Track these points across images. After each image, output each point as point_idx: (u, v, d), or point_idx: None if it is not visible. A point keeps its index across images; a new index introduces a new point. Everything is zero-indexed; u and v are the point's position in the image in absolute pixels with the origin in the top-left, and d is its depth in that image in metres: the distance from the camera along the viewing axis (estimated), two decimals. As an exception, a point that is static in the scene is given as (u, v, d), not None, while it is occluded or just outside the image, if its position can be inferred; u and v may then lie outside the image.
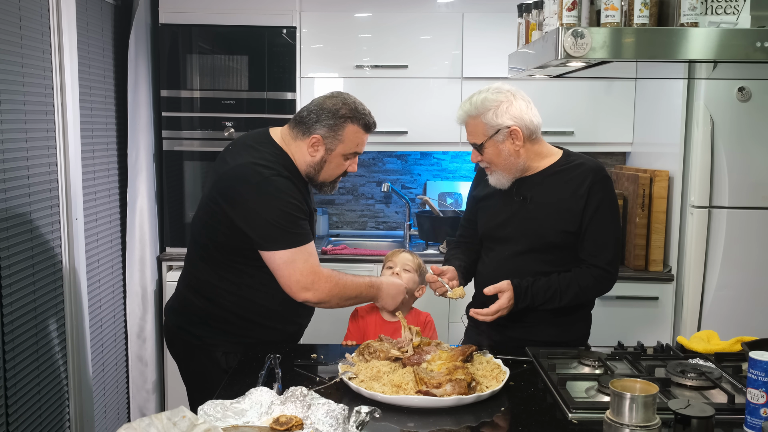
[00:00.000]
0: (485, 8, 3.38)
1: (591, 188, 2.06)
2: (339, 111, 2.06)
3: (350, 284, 2.10)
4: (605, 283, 2.11)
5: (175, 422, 1.37)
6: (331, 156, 2.09)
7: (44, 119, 2.50)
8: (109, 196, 3.12)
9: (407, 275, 2.40)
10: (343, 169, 2.14)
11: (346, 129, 2.07)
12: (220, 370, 2.09)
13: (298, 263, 2.00)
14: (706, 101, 2.95)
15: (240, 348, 2.08)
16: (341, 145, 2.08)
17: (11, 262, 2.27)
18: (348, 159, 2.13)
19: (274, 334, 2.13)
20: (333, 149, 2.08)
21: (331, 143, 2.07)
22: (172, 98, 3.35)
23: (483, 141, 2.09)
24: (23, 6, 2.34)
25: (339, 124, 2.06)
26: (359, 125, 2.08)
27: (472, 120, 2.10)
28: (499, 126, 2.05)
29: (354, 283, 2.12)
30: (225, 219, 2.01)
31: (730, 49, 1.70)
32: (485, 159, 2.12)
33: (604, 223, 2.08)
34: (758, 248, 2.98)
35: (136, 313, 3.26)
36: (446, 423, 1.57)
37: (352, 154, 2.12)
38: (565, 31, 1.68)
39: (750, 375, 1.47)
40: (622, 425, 1.36)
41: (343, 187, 3.92)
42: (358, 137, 2.09)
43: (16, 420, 2.29)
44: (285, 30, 3.34)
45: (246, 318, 2.10)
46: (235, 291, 2.08)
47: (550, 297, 2.06)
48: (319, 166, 2.10)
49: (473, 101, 2.09)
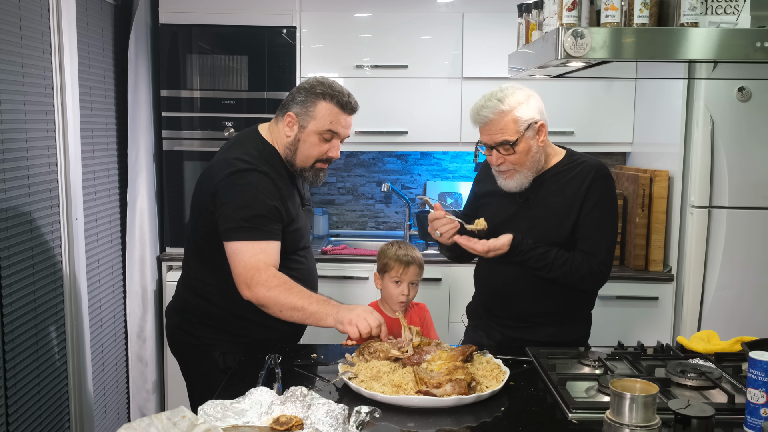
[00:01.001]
0: (485, 8, 3.38)
1: (591, 185, 2.06)
2: (313, 88, 2.05)
3: (297, 293, 1.93)
4: (595, 279, 2.07)
5: (175, 422, 1.37)
6: (304, 134, 2.06)
7: (44, 119, 2.50)
8: (109, 196, 3.12)
9: (414, 290, 2.40)
10: (320, 150, 2.07)
11: (319, 105, 2.04)
12: (218, 370, 2.09)
13: (244, 256, 1.95)
14: (706, 101, 2.95)
15: (238, 348, 2.07)
16: (313, 122, 2.04)
17: (11, 263, 2.27)
18: (326, 141, 2.07)
19: (272, 333, 2.11)
20: (306, 126, 2.05)
21: (303, 120, 2.05)
22: (172, 98, 3.35)
23: (517, 137, 2.02)
24: (23, 6, 2.34)
25: (311, 100, 2.04)
26: (333, 102, 2.04)
27: (503, 117, 2.02)
28: (530, 120, 2.03)
29: (303, 294, 1.94)
30: (207, 213, 2.04)
31: (730, 49, 1.70)
32: (512, 160, 2.05)
33: (600, 220, 2.07)
34: (758, 248, 2.98)
35: (136, 313, 3.26)
36: (446, 423, 1.57)
37: (328, 133, 2.06)
38: (565, 31, 1.68)
39: (750, 375, 1.47)
40: (622, 425, 1.36)
41: (343, 187, 3.93)
42: (332, 115, 2.04)
43: (16, 420, 2.29)
44: (285, 30, 3.34)
45: (240, 316, 2.09)
46: (226, 288, 2.05)
47: (542, 266, 2.04)
48: (294, 146, 2.07)
49: (500, 97, 2.02)
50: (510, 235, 2.05)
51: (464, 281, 3.19)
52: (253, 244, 1.96)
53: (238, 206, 1.97)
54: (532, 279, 2.10)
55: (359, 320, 1.87)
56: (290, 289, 1.94)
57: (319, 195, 3.94)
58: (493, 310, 2.20)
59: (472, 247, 2.06)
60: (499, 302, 2.18)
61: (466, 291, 2.52)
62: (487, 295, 2.23)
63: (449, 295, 3.28)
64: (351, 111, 2.09)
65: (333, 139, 2.08)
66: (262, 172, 2.01)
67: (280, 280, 1.95)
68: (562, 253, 2.05)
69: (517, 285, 2.13)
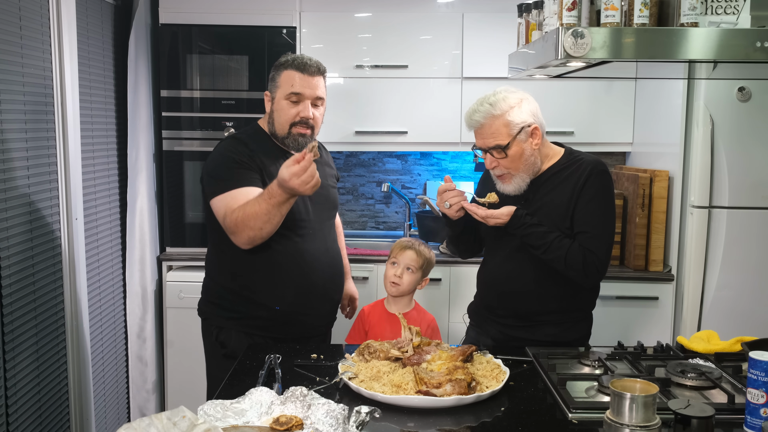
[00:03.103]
0: (485, 8, 3.38)
1: (587, 181, 2.06)
2: (278, 63, 2.25)
3: (251, 203, 2.02)
4: (588, 273, 2.03)
5: (175, 422, 1.37)
6: (275, 103, 2.23)
7: (44, 119, 2.50)
8: (109, 196, 3.12)
9: (410, 277, 2.41)
10: (290, 113, 2.19)
11: (282, 74, 2.21)
12: (214, 342, 2.24)
13: (220, 211, 2.09)
14: (706, 101, 2.95)
15: (232, 324, 2.21)
16: (279, 90, 2.21)
17: (11, 262, 2.27)
18: (294, 104, 2.19)
19: (261, 311, 2.19)
20: (275, 96, 2.23)
21: (273, 92, 2.24)
22: (172, 98, 3.35)
23: (509, 141, 2.04)
24: (23, 6, 2.34)
25: (277, 73, 2.23)
26: (292, 68, 2.20)
27: (494, 120, 2.04)
28: (522, 123, 2.04)
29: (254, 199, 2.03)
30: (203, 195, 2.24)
31: (730, 49, 1.70)
32: (505, 163, 2.07)
33: (596, 215, 2.06)
34: (758, 248, 2.98)
35: (136, 313, 3.26)
36: (446, 423, 1.57)
37: (293, 95, 2.18)
38: (565, 31, 1.68)
39: (750, 375, 1.47)
40: (622, 425, 1.36)
41: (343, 187, 3.93)
42: (293, 78, 2.19)
43: (16, 420, 2.29)
44: (285, 30, 3.34)
45: (233, 291, 2.22)
46: (224, 263, 2.23)
47: (540, 244, 2.04)
48: (271, 117, 2.25)
49: (492, 102, 2.05)
50: (513, 208, 2.06)
51: (464, 281, 3.19)
52: (224, 196, 2.09)
53: (208, 169, 2.18)
54: (534, 278, 2.10)
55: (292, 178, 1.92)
56: (245, 205, 2.03)
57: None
58: (494, 309, 2.20)
59: (474, 211, 2.09)
60: (501, 301, 2.18)
61: (466, 291, 2.53)
62: (489, 294, 2.23)
63: (449, 295, 3.28)
64: (311, 72, 2.20)
65: (300, 102, 2.19)
66: (234, 139, 2.23)
67: (239, 212, 2.03)
68: (562, 237, 2.04)
69: (520, 284, 2.13)
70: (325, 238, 2.29)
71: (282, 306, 2.18)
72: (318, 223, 2.25)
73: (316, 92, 2.21)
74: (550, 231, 2.04)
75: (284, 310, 2.18)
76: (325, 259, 2.26)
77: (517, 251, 2.13)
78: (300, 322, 2.22)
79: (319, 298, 2.24)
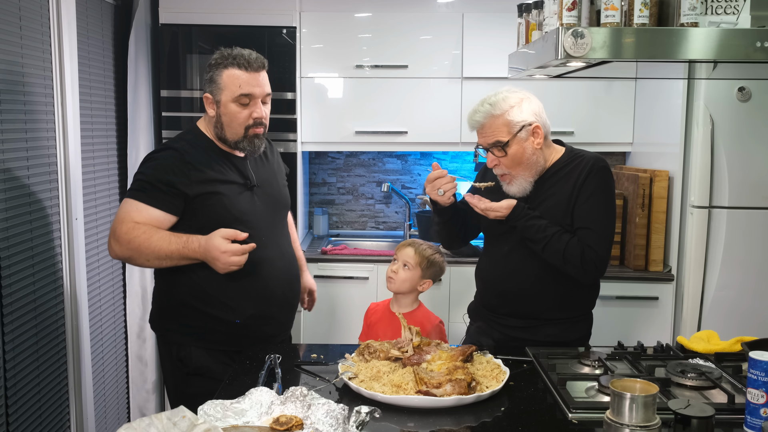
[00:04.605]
0: (485, 8, 3.38)
1: (587, 177, 2.06)
2: (214, 62, 2.09)
3: (156, 239, 1.97)
4: (586, 268, 2.02)
5: (175, 422, 1.37)
6: (222, 107, 2.08)
7: (44, 119, 2.50)
8: (109, 196, 3.12)
9: (406, 273, 2.41)
10: (243, 116, 2.08)
11: (223, 75, 2.07)
12: (174, 360, 2.13)
13: (120, 212, 2.02)
14: (706, 101, 2.95)
15: (190, 341, 2.11)
16: (224, 92, 2.07)
17: (11, 263, 2.27)
18: (244, 106, 2.07)
19: (220, 326, 2.10)
20: (220, 99, 2.08)
21: (216, 94, 2.08)
22: (172, 98, 3.35)
23: (509, 138, 2.04)
24: (23, 6, 2.34)
25: (216, 73, 2.08)
26: (234, 67, 2.06)
27: (495, 120, 2.05)
28: (523, 122, 2.04)
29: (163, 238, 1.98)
30: None
31: (730, 49, 1.70)
32: (506, 162, 2.07)
33: (595, 211, 2.05)
34: (758, 248, 2.98)
35: (136, 313, 3.26)
36: (446, 423, 1.57)
37: (243, 97, 2.06)
38: (565, 31, 1.68)
39: (750, 375, 1.47)
40: (622, 425, 1.36)
41: (343, 187, 3.93)
42: (237, 79, 2.05)
43: (16, 420, 2.29)
44: (285, 30, 3.34)
45: (189, 305, 2.10)
46: (179, 276, 2.09)
47: (539, 238, 2.03)
48: (219, 122, 2.10)
49: (493, 102, 2.05)
50: (513, 201, 2.06)
51: (464, 281, 3.19)
52: (132, 202, 2.02)
53: (143, 171, 2.06)
54: (535, 278, 2.10)
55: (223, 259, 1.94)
56: (150, 237, 1.96)
57: (319, 195, 3.94)
58: (495, 309, 2.20)
59: (474, 204, 2.09)
60: (501, 301, 2.18)
61: (466, 291, 2.53)
62: (489, 293, 2.23)
63: (449, 295, 3.28)
64: (256, 68, 2.08)
65: (251, 102, 2.08)
66: (172, 149, 2.07)
67: (141, 230, 1.97)
68: (562, 232, 2.04)
69: (520, 284, 2.13)
70: (280, 243, 2.22)
71: (242, 319, 2.11)
72: (271, 228, 2.19)
73: (265, 89, 2.10)
74: (551, 225, 2.04)
75: (244, 323, 2.12)
76: (281, 264, 2.20)
77: (517, 249, 2.13)
78: (261, 331, 2.15)
79: (278, 307, 2.19)
